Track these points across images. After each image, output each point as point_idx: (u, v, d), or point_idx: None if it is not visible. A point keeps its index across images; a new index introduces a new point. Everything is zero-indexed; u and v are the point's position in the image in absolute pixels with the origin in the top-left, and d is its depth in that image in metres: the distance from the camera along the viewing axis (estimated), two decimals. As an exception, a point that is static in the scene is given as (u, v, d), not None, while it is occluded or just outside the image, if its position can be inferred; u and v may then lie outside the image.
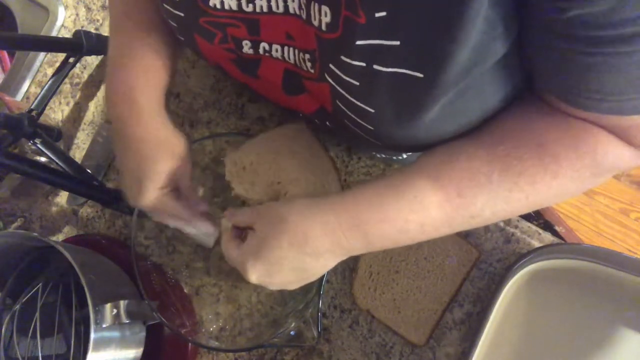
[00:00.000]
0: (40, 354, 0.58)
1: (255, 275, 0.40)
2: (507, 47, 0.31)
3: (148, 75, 0.47)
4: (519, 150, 0.35)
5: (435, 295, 0.56)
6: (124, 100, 0.46)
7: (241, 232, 0.44)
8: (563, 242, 0.55)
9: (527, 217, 0.53)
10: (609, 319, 0.50)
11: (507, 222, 0.56)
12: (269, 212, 0.41)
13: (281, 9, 0.37)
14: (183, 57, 0.71)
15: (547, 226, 0.86)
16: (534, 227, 0.56)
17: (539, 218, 0.87)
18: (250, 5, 0.37)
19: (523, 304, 0.52)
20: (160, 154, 0.45)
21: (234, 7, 0.38)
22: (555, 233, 0.80)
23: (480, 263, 0.56)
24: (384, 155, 0.61)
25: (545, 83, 0.35)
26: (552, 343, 0.51)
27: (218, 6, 0.38)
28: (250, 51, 0.42)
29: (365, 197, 0.38)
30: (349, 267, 0.60)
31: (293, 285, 0.43)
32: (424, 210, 0.36)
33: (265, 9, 0.37)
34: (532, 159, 0.35)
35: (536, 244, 0.54)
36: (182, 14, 0.41)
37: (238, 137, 0.62)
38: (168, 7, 0.42)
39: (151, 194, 0.45)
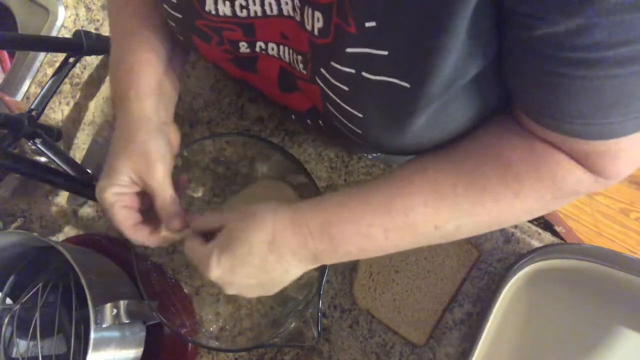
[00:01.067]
0: (40, 354, 0.58)
1: (218, 270, 0.40)
2: (487, 61, 0.32)
3: (143, 75, 0.46)
4: (484, 167, 0.36)
5: (435, 295, 0.56)
6: (120, 98, 0.46)
7: (206, 236, 0.44)
8: (563, 242, 0.55)
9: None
10: (608, 318, 0.50)
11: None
12: (240, 211, 0.42)
13: (275, 12, 0.37)
14: (183, 57, 0.71)
15: (547, 226, 0.86)
16: (534, 227, 0.56)
17: (539, 218, 0.87)
18: (245, 10, 0.38)
19: (523, 304, 0.52)
20: (122, 152, 0.44)
21: (228, 13, 0.38)
22: (555, 233, 0.81)
23: (480, 263, 0.56)
24: (374, 155, 0.61)
25: (516, 98, 0.35)
26: (552, 343, 0.51)
27: (213, 12, 0.39)
28: (247, 50, 0.43)
29: (332, 201, 0.39)
30: (349, 267, 0.60)
31: (250, 292, 0.42)
32: (387, 216, 0.37)
33: (259, 14, 0.38)
34: (496, 177, 0.35)
35: (536, 244, 0.54)
36: (180, 16, 0.42)
37: (238, 137, 0.62)
38: (167, 8, 0.42)
39: (102, 186, 0.44)
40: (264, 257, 0.39)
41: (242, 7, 0.38)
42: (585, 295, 0.50)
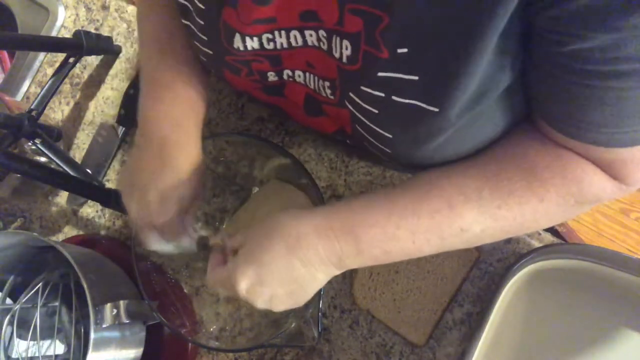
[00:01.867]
0: (40, 354, 0.58)
1: (246, 282, 0.39)
2: (514, 75, 0.33)
3: (191, 104, 0.48)
4: (509, 172, 0.36)
5: (435, 295, 0.56)
6: (172, 125, 0.47)
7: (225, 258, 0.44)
8: (563, 242, 0.55)
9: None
10: (608, 318, 0.49)
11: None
12: (262, 223, 0.41)
13: (300, 43, 0.38)
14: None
15: (547, 226, 0.86)
16: (534, 227, 0.56)
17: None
18: (271, 43, 0.39)
19: (523, 304, 0.52)
20: (187, 177, 0.46)
21: (256, 47, 0.39)
22: (556, 233, 0.80)
23: (480, 263, 0.56)
24: None
25: (539, 109, 0.36)
26: (552, 343, 0.51)
27: (241, 48, 0.40)
28: (275, 79, 0.44)
29: (358, 204, 0.39)
30: (349, 267, 0.60)
31: (280, 302, 0.41)
32: (414, 218, 0.37)
33: (285, 45, 0.39)
34: (521, 181, 0.36)
35: (536, 244, 0.54)
36: (210, 52, 0.43)
37: (238, 137, 0.62)
38: (198, 45, 0.44)
39: (156, 199, 0.45)
40: (290, 264, 0.39)
41: (269, 40, 0.39)
42: (585, 295, 0.50)
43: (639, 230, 1.27)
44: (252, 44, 0.39)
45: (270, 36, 0.38)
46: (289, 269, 0.39)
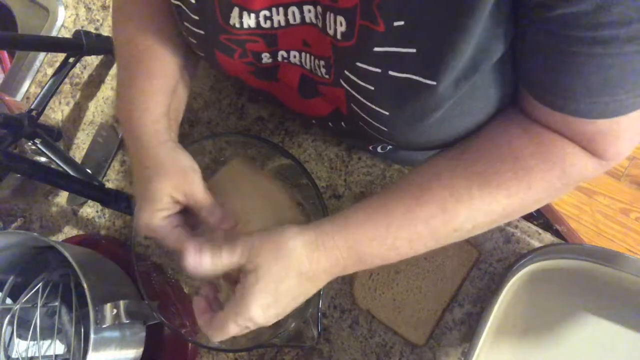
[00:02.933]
0: (40, 354, 0.58)
1: (262, 314, 0.38)
2: (507, 44, 0.33)
3: (155, 96, 0.46)
4: (496, 165, 0.37)
5: (435, 295, 0.56)
6: (129, 122, 0.46)
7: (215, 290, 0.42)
8: (563, 242, 0.55)
9: (527, 216, 0.53)
10: (608, 318, 0.49)
11: (507, 222, 0.56)
12: (267, 244, 0.39)
13: (298, 20, 0.38)
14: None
15: (547, 226, 0.86)
16: (534, 227, 0.56)
17: (539, 218, 0.87)
18: (268, 21, 0.39)
19: (523, 304, 0.52)
20: (157, 175, 0.44)
21: (253, 25, 0.39)
22: (556, 233, 0.80)
23: (480, 263, 0.56)
24: (380, 150, 0.61)
25: (524, 79, 0.36)
26: (552, 343, 0.51)
27: (237, 25, 0.39)
28: (269, 61, 0.44)
29: (357, 218, 0.40)
30: (349, 267, 0.60)
31: (289, 310, 0.41)
32: (411, 226, 0.38)
33: (282, 23, 0.39)
34: (508, 172, 0.37)
35: (536, 244, 0.54)
36: (202, 32, 0.42)
37: (238, 137, 0.62)
38: (188, 25, 0.43)
39: (147, 216, 0.43)
40: (302, 287, 0.40)
41: (266, 18, 0.39)
42: (586, 295, 0.50)
43: (639, 230, 1.27)
44: (248, 21, 0.39)
45: (267, 13, 0.38)
46: (300, 289, 0.40)
